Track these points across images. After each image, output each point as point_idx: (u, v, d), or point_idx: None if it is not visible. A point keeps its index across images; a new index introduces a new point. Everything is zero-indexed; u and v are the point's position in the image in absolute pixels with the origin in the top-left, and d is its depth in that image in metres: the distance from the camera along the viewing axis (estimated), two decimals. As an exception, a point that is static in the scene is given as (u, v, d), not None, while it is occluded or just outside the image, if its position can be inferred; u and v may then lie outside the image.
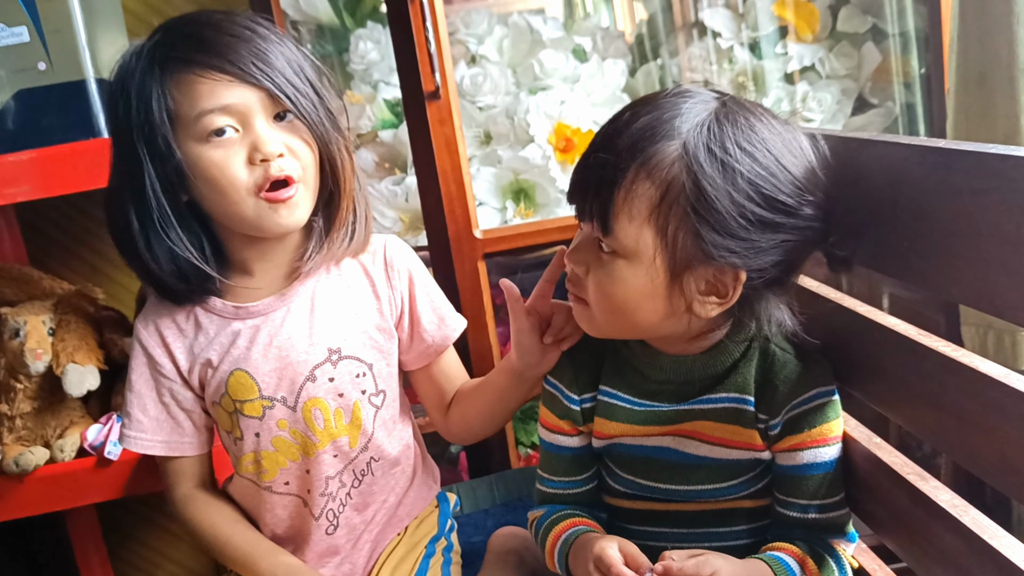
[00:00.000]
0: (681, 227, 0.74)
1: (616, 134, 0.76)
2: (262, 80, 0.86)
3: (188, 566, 1.66)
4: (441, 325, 1.02)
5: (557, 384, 0.91)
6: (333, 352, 0.96)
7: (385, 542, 1.02)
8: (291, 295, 0.96)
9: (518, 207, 1.67)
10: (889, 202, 0.74)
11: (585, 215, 0.78)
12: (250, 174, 0.87)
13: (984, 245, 0.62)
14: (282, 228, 0.91)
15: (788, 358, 0.82)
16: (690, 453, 0.85)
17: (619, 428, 0.86)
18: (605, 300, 0.79)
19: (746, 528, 0.87)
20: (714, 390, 0.83)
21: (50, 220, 1.54)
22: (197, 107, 0.86)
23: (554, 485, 0.92)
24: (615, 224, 0.75)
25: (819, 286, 0.93)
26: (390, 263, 1.00)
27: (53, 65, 1.23)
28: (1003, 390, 0.62)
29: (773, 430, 0.82)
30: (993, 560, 0.64)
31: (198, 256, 0.92)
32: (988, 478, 0.65)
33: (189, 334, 0.97)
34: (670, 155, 0.73)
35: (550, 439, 0.91)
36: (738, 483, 0.85)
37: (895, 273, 0.76)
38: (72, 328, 1.25)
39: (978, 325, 1.39)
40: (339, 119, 0.94)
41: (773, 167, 0.74)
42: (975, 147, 0.63)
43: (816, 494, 0.82)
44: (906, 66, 1.76)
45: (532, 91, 1.69)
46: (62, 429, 1.26)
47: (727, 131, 0.73)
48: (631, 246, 0.75)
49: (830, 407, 0.82)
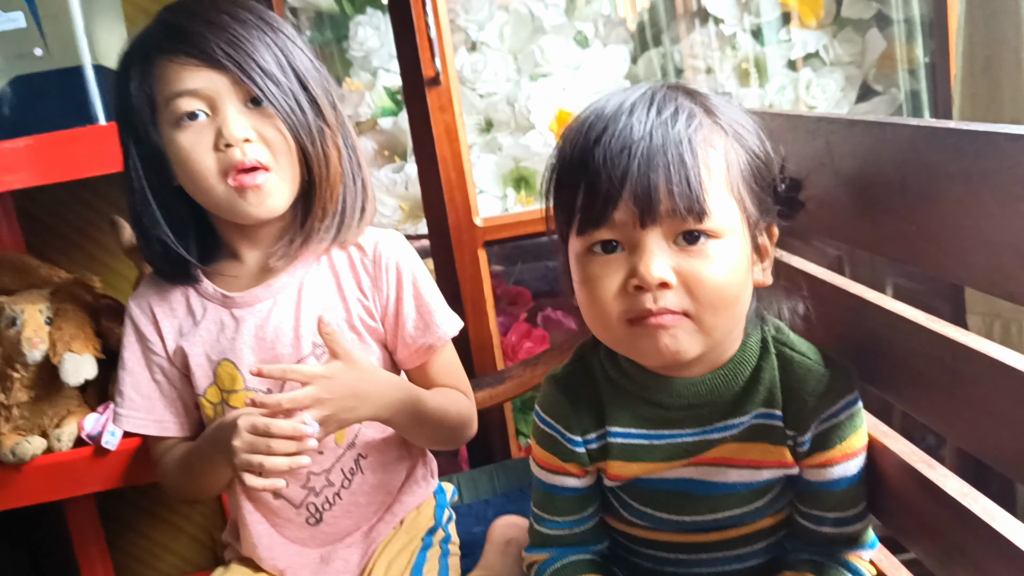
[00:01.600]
0: (743, 190, 0.72)
1: (640, 126, 0.69)
2: (228, 64, 0.87)
3: (188, 558, 1.65)
4: (426, 331, 0.98)
5: (554, 425, 0.82)
6: (317, 347, 0.94)
7: (380, 538, 1.01)
8: (278, 286, 0.96)
9: (519, 195, 1.66)
10: (896, 185, 0.73)
11: (656, 215, 0.68)
12: (216, 160, 0.88)
13: (995, 227, 0.61)
14: (253, 216, 0.91)
15: (810, 365, 0.77)
16: (717, 482, 0.79)
17: (640, 468, 0.79)
18: (719, 293, 0.69)
19: (764, 546, 0.83)
20: (740, 411, 0.77)
21: (47, 208, 1.52)
22: (168, 91, 0.88)
23: (556, 526, 0.85)
24: (710, 203, 0.68)
25: (824, 272, 0.91)
26: (378, 260, 0.97)
27: (50, 51, 1.22)
28: (1018, 377, 0.60)
29: (802, 447, 0.77)
30: (1003, 549, 0.62)
31: (176, 241, 0.93)
32: (1001, 466, 0.64)
33: (179, 315, 0.97)
34: (708, 123, 0.72)
35: (550, 480, 0.84)
36: (764, 504, 0.80)
37: (902, 257, 0.75)
38: (69, 317, 1.24)
39: (984, 314, 1.37)
40: (327, 110, 0.93)
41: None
42: (986, 127, 0.62)
43: (838, 506, 0.78)
44: (911, 53, 1.74)
45: (533, 78, 1.68)
46: (59, 419, 1.25)
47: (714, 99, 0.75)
48: (727, 220, 0.70)
49: (857, 416, 0.77)
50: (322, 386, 0.87)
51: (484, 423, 1.50)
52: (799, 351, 0.78)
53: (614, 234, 0.70)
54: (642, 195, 0.68)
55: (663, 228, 0.69)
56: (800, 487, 0.80)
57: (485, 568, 1.01)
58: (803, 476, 0.79)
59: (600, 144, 0.70)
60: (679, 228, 0.69)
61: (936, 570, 0.73)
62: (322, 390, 0.87)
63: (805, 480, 0.79)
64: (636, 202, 0.68)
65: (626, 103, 0.71)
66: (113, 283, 1.48)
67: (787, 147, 0.81)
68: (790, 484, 0.80)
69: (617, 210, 0.69)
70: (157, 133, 0.89)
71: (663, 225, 0.69)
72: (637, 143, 0.68)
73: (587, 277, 0.72)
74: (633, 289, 0.69)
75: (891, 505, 0.79)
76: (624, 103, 0.71)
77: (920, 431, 1.54)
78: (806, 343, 0.80)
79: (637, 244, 0.69)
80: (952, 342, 0.68)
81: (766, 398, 0.77)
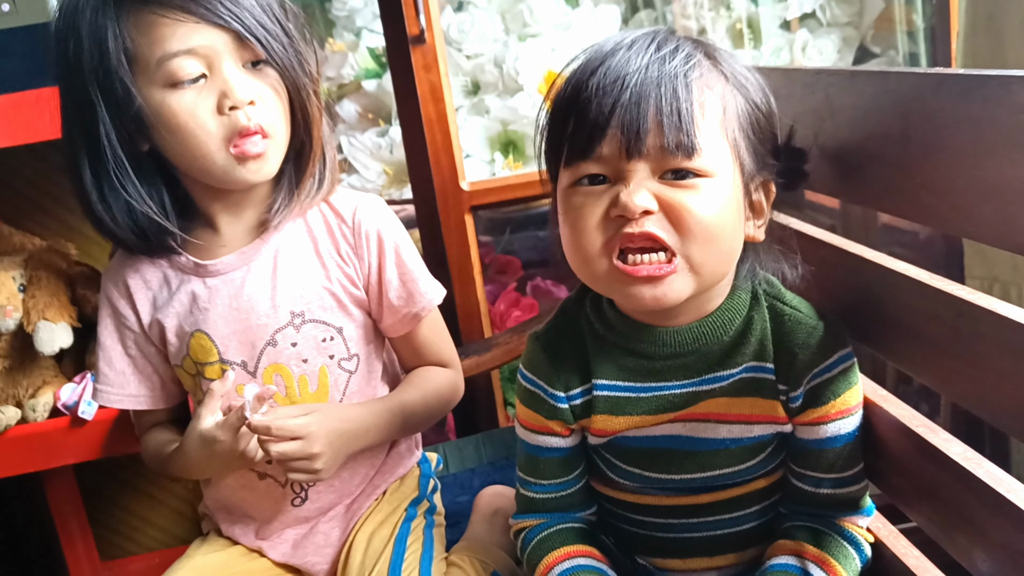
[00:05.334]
0: (739, 137, 0.71)
1: (637, 58, 0.69)
2: (231, 22, 0.81)
3: (171, 531, 1.63)
4: (409, 300, 0.95)
5: (537, 381, 0.81)
6: (296, 316, 0.91)
7: (361, 510, 0.98)
8: (252, 254, 0.92)
9: (507, 159, 1.63)
10: (899, 136, 0.70)
11: (646, 147, 0.67)
12: (219, 124, 0.83)
13: (1003, 176, 0.58)
14: (249, 183, 0.87)
15: (801, 318, 0.75)
16: (706, 438, 0.77)
17: (625, 422, 0.78)
18: (704, 225, 0.68)
19: (758, 509, 0.82)
20: (731, 363, 0.76)
21: (18, 173, 1.48)
22: (159, 50, 0.81)
23: (541, 489, 0.84)
24: (700, 140, 0.67)
25: (821, 232, 0.88)
26: (358, 228, 0.93)
27: (17, 6, 1.18)
28: (1022, 332, 0.58)
29: (794, 402, 0.75)
30: (1006, 513, 0.60)
31: (157, 210, 0.87)
32: (1003, 424, 0.63)
33: (153, 287, 0.94)
34: (708, 67, 0.71)
35: (535, 440, 0.82)
36: (757, 463, 0.78)
37: (905, 213, 0.73)
38: (43, 284, 1.22)
39: (982, 278, 1.35)
40: (308, 62, 0.89)
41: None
42: (997, 72, 0.59)
43: (834, 467, 0.76)
44: (910, 14, 1.72)
45: (522, 38, 1.65)
46: (34, 389, 1.24)
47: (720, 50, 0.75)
48: (718, 162, 0.69)
49: (852, 372, 0.75)
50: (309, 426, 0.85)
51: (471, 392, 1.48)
52: (791, 305, 0.77)
53: (601, 167, 0.69)
54: (630, 126, 0.67)
55: (650, 163, 0.68)
56: (794, 446, 0.78)
57: (470, 539, 1.00)
58: (796, 434, 0.77)
59: (595, 75, 0.69)
60: (667, 165, 0.68)
61: (936, 536, 0.71)
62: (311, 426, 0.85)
63: (798, 438, 0.77)
64: (624, 132, 0.67)
65: (626, 39, 0.71)
66: (88, 251, 1.45)
67: (785, 103, 0.79)
68: (783, 444, 0.79)
69: (605, 140, 0.68)
70: (138, 92, 0.82)
71: (650, 160, 0.68)
72: (632, 75, 0.68)
73: (570, 208, 0.71)
74: (615, 218, 0.68)
75: (891, 470, 0.77)
76: (624, 39, 0.71)
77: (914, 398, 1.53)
78: (798, 298, 0.78)
79: (622, 175, 0.69)
80: (954, 299, 0.66)
81: (757, 351, 0.76)
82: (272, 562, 0.96)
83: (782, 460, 0.80)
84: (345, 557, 0.94)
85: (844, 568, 0.75)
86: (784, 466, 0.80)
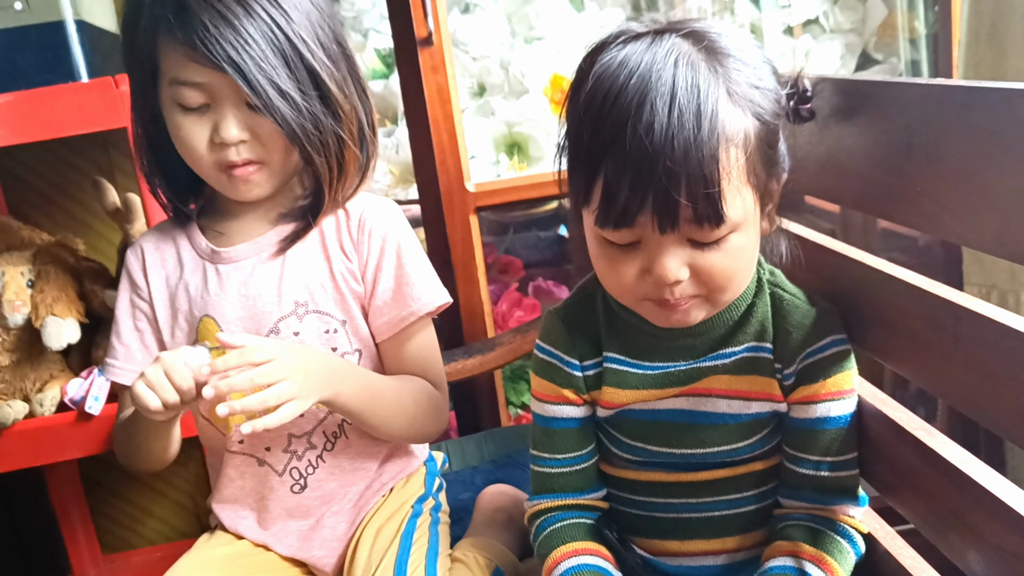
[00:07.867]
0: (760, 164, 0.73)
1: (663, 130, 0.67)
2: (230, 71, 0.83)
3: (172, 523, 1.64)
4: (397, 302, 0.95)
5: (553, 351, 0.85)
6: (300, 305, 0.93)
7: (368, 506, 0.99)
8: (265, 243, 0.95)
9: (512, 160, 1.64)
10: (903, 145, 0.71)
11: (676, 226, 0.69)
12: (211, 151, 0.88)
13: (1004, 187, 0.60)
14: (242, 199, 0.92)
15: (799, 303, 0.80)
16: (706, 411, 0.81)
17: (632, 395, 0.82)
18: (731, 279, 0.74)
19: (755, 493, 0.84)
20: (731, 342, 0.80)
21: (30, 168, 1.49)
22: (172, 73, 0.87)
23: (555, 464, 0.86)
24: (728, 210, 0.69)
25: (821, 237, 0.90)
26: (363, 226, 0.95)
27: (30, 5, 1.20)
28: (1021, 339, 0.59)
29: (788, 380, 0.80)
30: (1003, 516, 0.61)
31: (182, 189, 0.97)
32: (1001, 430, 0.64)
33: (168, 266, 0.97)
34: (729, 110, 0.69)
35: (549, 412, 0.85)
36: (753, 442, 0.82)
37: (906, 221, 0.74)
38: (52, 279, 1.23)
39: (981, 285, 1.37)
40: (339, 101, 0.89)
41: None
42: (998, 85, 0.61)
43: (828, 450, 0.79)
44: (912, 21, 1.73)
45: (528, 41, 1.66)
46: (42, 383, 1.24)
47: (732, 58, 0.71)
48: (743, 213, 0.71)
49: (845, 357, 0.79)
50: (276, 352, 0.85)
51: (473, 391, 1.50)
52: (790, 292, 0.81)
53: (632, 236, 0.72)
54: (664, 209, 0.69)
55: (680, 232, 0.71)
56: (788, 426, 0.82)
57: (474, 536, 1.00)
58: (791, 414, 0.81)
59: (623, 137, 0.68)
60: (696, 236, 0.71)
61: (932, 537, 0.72)
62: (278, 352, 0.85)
63: (792, 418, 0.81)
64: (656, 213, 0.69)
65: (650, 81, 0.68)
66: (96, 245, 1.46)
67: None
68: (779, 427, 0.82)
69: (636, 223, 0.70)
70: (156, 96, 0.89)
71: (680, 231, 0.70)
72: (659, 155, 0.67)
73: (604, 256, 0.75)
74: (650, 279, 0.73)
75: (888, 472, 0.78)
76: (647, 81, 0.68)
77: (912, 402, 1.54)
78: (798, 288, 0.82)
79: (654, 244, 0.71)
80: (953, 305, 0.67)
81: (758, 332, 0.80)
82: (279, 556, 0.97)
83: (777, 445, 0.83)
84: (352, 552, 0.95)
85: (840, 564, 0.78)
86: (780, 452, 0.83)
